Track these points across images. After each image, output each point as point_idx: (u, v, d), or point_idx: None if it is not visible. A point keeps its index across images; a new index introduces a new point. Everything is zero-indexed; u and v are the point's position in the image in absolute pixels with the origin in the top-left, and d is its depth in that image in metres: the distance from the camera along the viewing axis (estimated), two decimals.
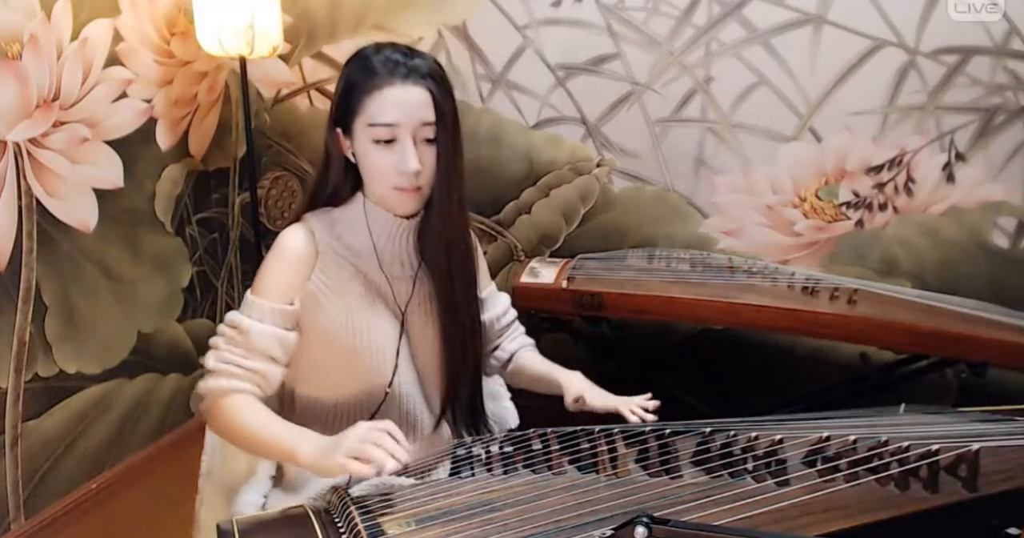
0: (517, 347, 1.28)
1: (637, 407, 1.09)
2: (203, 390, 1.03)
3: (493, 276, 2.21)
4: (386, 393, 1.10)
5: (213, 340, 1.05)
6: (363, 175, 1.06)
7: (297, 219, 1.10)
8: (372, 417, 1.10)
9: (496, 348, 1.27)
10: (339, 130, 1.05)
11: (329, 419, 1.12)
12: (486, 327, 1.24)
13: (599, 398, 1.11)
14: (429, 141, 1.02)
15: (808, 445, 0.94)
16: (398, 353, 1.10)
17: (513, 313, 1.30)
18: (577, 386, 1.14)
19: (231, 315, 1.04)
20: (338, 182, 1.09)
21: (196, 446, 1.20)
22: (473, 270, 1.16)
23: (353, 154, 1.06)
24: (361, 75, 1.01)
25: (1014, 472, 0.90)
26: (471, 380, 1.17)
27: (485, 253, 2.18)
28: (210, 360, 1.03)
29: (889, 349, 1.81)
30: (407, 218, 1.09)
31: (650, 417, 1.07)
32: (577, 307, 1.74)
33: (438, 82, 1.01)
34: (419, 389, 1.14)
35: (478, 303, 1.19)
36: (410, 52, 1.02)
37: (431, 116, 1.01)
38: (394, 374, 1.09)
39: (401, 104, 0.99)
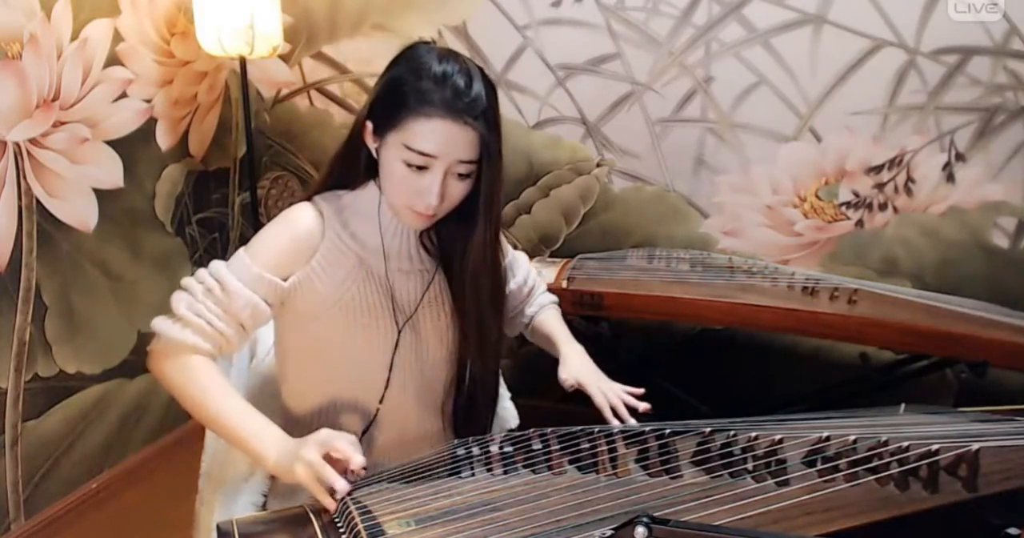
0: (536, 309, 1.28)
1: (621, 409, 1.06)
2: (162, 332, 0.98)
3: None
4: (381, 398, 1.08)
5: (189, 283, 1.00)
6: (382, 179, 1.02)
7: (308, 198, 1.06)
8: (364, 433, 1.09)
9: (521, 313, 1.28)
10: (370, 124, 1.00)
11: (317, 414, 1.11)
12: (512, 294, 1.24)
13: (587, 388, 1.09)
14: (460, 175, 0.98)
15: (808, 445, 0.94)
16: (394, 355, 1.07)
17: (534, 274, 1.31)
18: (573, 368, 1.13)
19: (218, 267, 1.00)
20: (357, 167, 1.05)
21: (196, 446, 1.20)
22: (501, 296, 1.14)
23: (377, 150, 1.01)
24: (414, 90, 0.94)
25: (1014, 472, 0.90)
26: (486, 396, 1.16)
27: None
28: (180, 305, 0.98)
29: (889, 349, 1.81)
30: None
31: (632, 421, 1.05)
32: (577, 307, 1.74)
33: (490, 121, 0.96)
34: (419, 395, 1.11)
35: (502, 327, 1.17)
36: (470, 77, 0.95)
37: (472, 155, 0.96)
38: (389, 378, 1.07)
39: (446, 140, 0.94)
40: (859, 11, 1.80)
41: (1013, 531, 0.79)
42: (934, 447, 0.88)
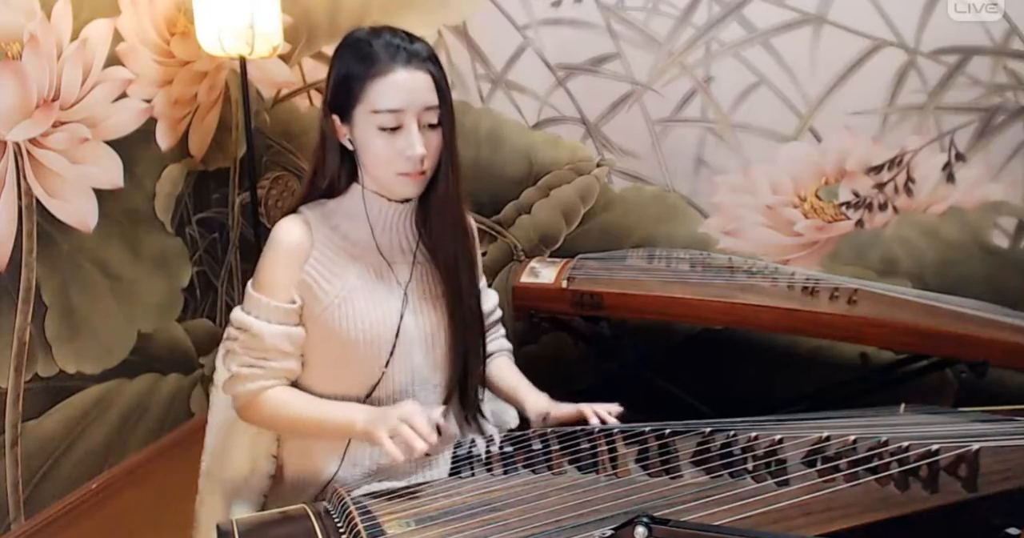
0: (495, 349, 1.26)
1: (602, 411, 1.07)
2: (233, 393, 1.06)
3: (493, 276, 2.22)
4: (382, 373, 1.08)
5: (228, 344, 1.07)
6: (364, 162, 1.05)
7: (292, 211, 1.09)
8: (366, 399, 1.10)
9: None
10: (335, 117, 1.05)
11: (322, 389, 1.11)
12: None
13: (563, 407, 1.10)
14: (432, 125, 1.02)
15: (808, 445, 0.94)
16: (397, 334, 1.08)
17: (499, 313, 1.29)
18: (543, 405, 1.12)
19: (239, 316, 1.05)
20: (334, 170, 1.08)
21: (196, 446, 1.20)
22: (473, 252, 1.17)
23: (350, 141, 1.05)
24: (360, 61, 1.00)
25: (1014, 472, 0.90)
26: (478, 363, 1.17)
27: (484, 253, 2.20)
28: (232, 365, 1.05)
29: (889, 349, 1.81)
30: (403, 202, 1.09)
31: (612, 420, 1.06)
32: (577, 307, 1.74)
33: (437, 65, 1.02)
34: (420, 376, 1.12)
35: (479, 285, 1.19)
36: (407, 36, 1.03)
37: (434, 100, 1.01)
38: (392, 354, 1.08)
39: (406, 89, 0.99)
40: (859, 11, 1.80)
41: (1013, 531, 0.79)
42: (934, 447, 0.89)
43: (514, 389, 1.19)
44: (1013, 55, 1.75)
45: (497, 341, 1.28)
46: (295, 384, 1.13)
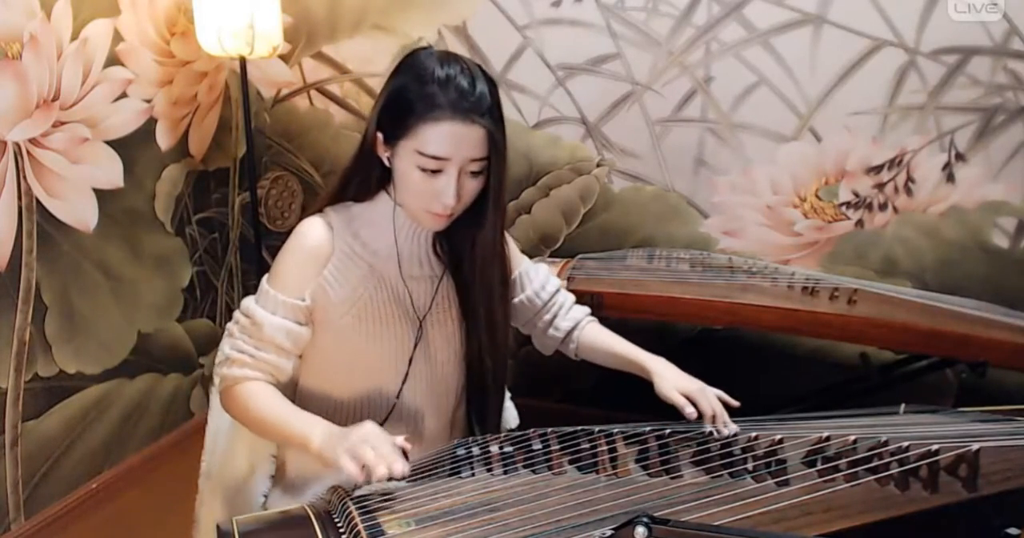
0: (573, 323, 1.23)
1: (721, 415, 1.05)
2: (219, 376, 1.05)
3: None
4: (394, 404, 1.08)
5: (229, 326, 1.06)
6: (397, 186, 1.04)
7: (318, 210, 1.08)
8: (382, 424, 1.09)
9: (550, 325, 1.23)
10: (380, 135, 1.02)
11: (330, 417, 1.11)
12: (526, 304, 1.22)
13: (702, 401, 1.08)
14: (473, 173, 0.99)
15: (808, 445, 0.94)
16: (410, 362, 1.08)
17: (556, 282, 1.25)
18: (676, 383, 1.11)
19: (247, 303, 1.05)
20: (368, 178, 1.07)
21: (196, 446, 1.20)
22: (507, 287, 1.15)
23: (389, 159, 1.03)
24: (419, 96, 0.96)
25: (1014, 472, 0.90)
26: (497, 394, 1.16)
27: None
28: (225, 347, 1.05)
29: (889, 349, 1.81)
30: None
31: (731, 428, 1.03)
32: None
33: (495, 117, 0.98)
34: (431, 399, 1.12)
35: (509, 319, 1.18)
36: (472, 77, 0.97)
37: (482, 153, 0.98)
38: (404, 383, 1.08)
39: (456, 141, 0.96)
40: (859, 11, 1.81)
41: (1013, 531, 0.79)
42: (934, 447, 0.89)
43: (628, 356, 1.17)
44: (1013, 55, 1.75)
45: (571, 313, 1.24)
46: (301, 389, 1.14)
